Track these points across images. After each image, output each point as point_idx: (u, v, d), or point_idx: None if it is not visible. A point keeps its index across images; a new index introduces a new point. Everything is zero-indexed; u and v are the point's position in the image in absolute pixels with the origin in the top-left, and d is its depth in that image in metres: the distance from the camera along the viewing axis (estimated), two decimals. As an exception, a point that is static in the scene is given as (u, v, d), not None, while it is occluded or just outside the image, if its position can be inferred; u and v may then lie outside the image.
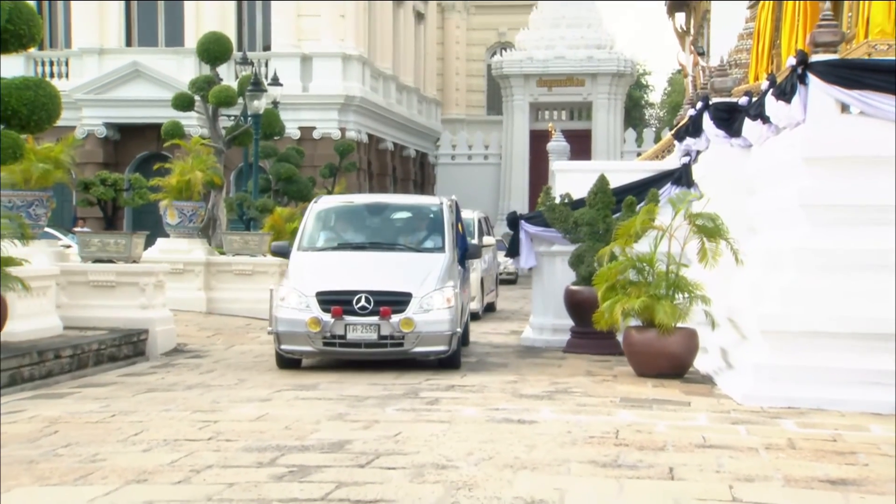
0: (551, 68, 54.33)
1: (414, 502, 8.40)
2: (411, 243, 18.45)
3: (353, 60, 45.95)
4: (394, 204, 21.52)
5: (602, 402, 13.75)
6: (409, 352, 16.17)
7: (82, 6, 46.04)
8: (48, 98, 19.86)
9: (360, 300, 15.88)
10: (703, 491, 8.92)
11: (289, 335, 16.29)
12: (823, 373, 13.36)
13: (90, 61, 45.67)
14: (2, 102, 18.90)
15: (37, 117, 19.67)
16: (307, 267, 17.37)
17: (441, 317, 16.12)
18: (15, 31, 19.42)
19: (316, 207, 19.17)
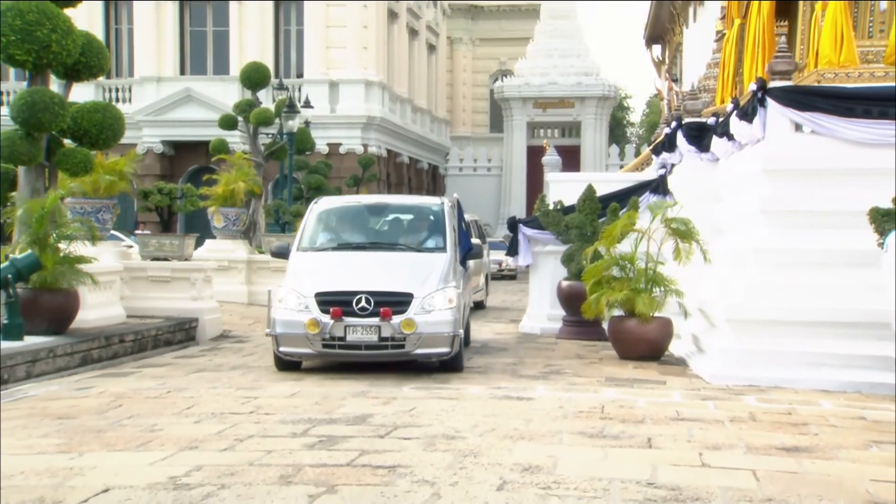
0: (546, 92, 54.35)
1: (427, 467, 8.41)
2: (412, 243, 16.02)
3: (374, 86, 45.96)
4: (395, 204, 18.92)
5: (590, 382, 13.77)
6: (411, 353, 13.96)
7: (143, 40, 46.07)
8: (114, 119, 19.92)
9: (360, 301, 13.68)
10: (676, 458, 8.96)
11: (287, 337, 14.04)
12: (780, 356, 13.45)
13: (149, 87, 45.72)
14: (76, 123, 18.95)
15: (105, 136, 19.73)
16: (306, 267, 15.11)
17: (443, 318, 13.90)
18: (87, 62, 19.53)
19: (316, 208, 16.76)
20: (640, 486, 7.82)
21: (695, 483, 7.96)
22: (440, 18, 58.40)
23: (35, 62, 18.62)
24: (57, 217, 16.84)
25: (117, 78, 45.79)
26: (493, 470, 8.34)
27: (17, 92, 19.72)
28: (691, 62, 37.51)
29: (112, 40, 45.68)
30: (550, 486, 7.83)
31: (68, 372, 14.90)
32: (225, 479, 7.99)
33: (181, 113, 44.88)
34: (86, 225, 17.73)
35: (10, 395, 12.71)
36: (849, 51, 15.12)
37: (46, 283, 16.08)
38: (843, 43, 15.10)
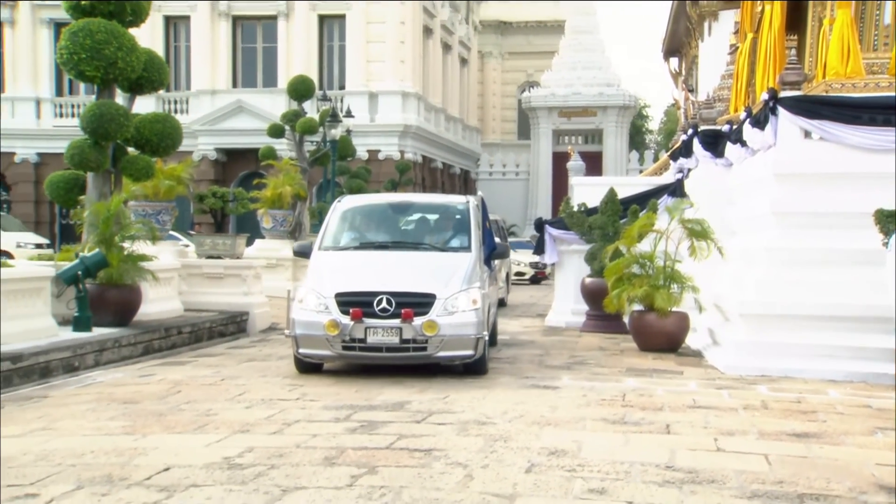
0: (570, 102, 54.28)
1: (460, 451, 8.45)
2: (436, 242, 14.60)
3: (410, 97, 46.01)
4: (419, 203, 17.12)
5: (611, 372, 13.74)
6: (433, 356, 12.57)
7: (199, 56, 46.31)
8: (173, 129, 20.06)
9: (380, 302, 12.33)
10: (693, 443, 8.95)
11: (306, 338, 12.69)
12: (790, 348, 13.38)
13: (204, 99, 45.92)
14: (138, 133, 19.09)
15: (164, 144, 19.87)
16: (327, 267, 13.68)
17: (466, 319, 12.55)
18: (149, 77, 19.69)
19: (339, 207, 15.31)
20: (658, 469, 7.84)
21: (710, 466, 7.98)
22: (472, 34, 58.38)
23: (103, 77, 18.79)
24: (121, 219, 17.00)
25: (175, 91, 46.00)
26: (521, 453, 8.38)
27: (87, 105, 19.83)
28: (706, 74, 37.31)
29: (171, 56, 45.92)
30: (575, 468, 7.85)
31: (132, 360, 15.04)
32: (274, 459, 8.07)
33: (233, 123, 45.07)
34: (147, 226, 17.92)
35: (81, 381, 12.93)
36: (855, 63, 15.03)
37: (112, 279, 16.25)
38: (849, 55, 15.03)
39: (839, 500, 7.01)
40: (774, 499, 7.03)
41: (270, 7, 46.02)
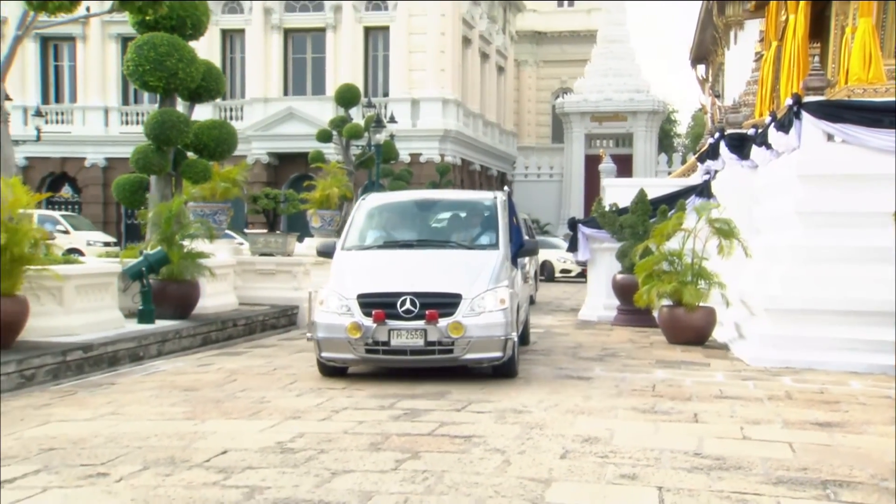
0: (601, 108, 54.14)
1: (498, 437, 8.45)
2: (463, 240, 13.23)
3: (450, 103, 46.07)
4: (445, 199, 15.72)
5: (642, 364, 13.68)
6: (460, 359, 11.36)
7: (253, 66, 46.59)
8: (229, 135, 20.25)
9: (404, 303, 11.19)
10: (720, 431, 8.91)
11: (329, 342, 11.50)
12: (813, 341, 13.26)
13: (258, 107, 46.18)
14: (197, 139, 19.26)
15: (220, 149, 20.04)
16: (349, 267, 12.44)
17: (494, 320, 11.33)
18: (207, 86, 19.89)
19: (364, 204, 14.01)
20: (687, 456, 7.80)
21: (737, 454, 7.93)
22: (508, 44, 58.34)
23: (165, 87, 18.97)
24: (181, 219, 17.16)
25: (231, 99, 46.26)
26: (556, 440, 8.37)
27: (150, 113, 20.02)
28: (732, 80, 37.12)
29: (227, 67, 46.19)
30: (608, 455, 7.83)
31: (191, 351, 15.21)
32: (323, 444, 8.12)
33: (284, 128, 45.33)
34: (205, 225, 18.12)
35: (145, 369, 13.10)
36: (876, 69, 14.95)
37: (173, 275, 16.44)
38: (871, 62, 14.96)
39: (861, 487, 6.95)
40: (799, 485, 6.98)
41: (319, 20, 46.23)
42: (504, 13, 56.99)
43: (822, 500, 6.61)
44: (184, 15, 19.40)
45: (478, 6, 50.79)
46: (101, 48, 47.67)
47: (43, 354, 12.12)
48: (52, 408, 10.12)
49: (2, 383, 11.06)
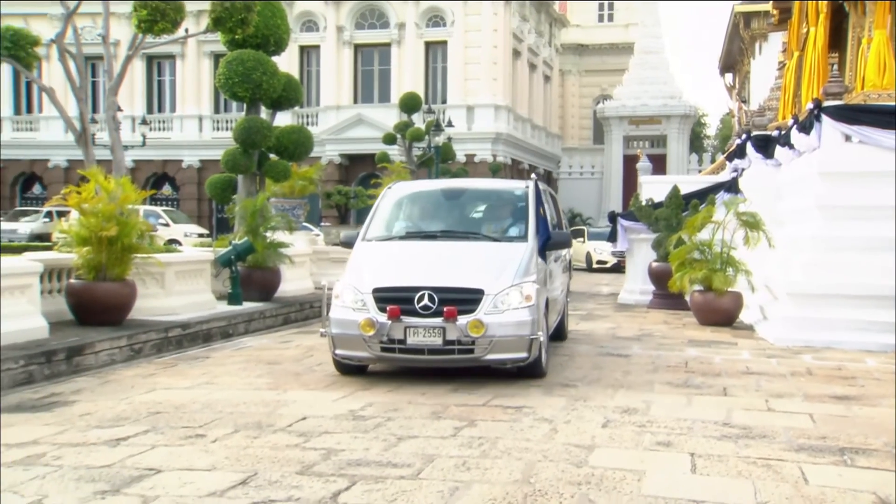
0: (638, 112, 53.73)
1: (546, 408, 8.48)
2: (490, 232, 11.09)
3: (501, 109, 46.02)
4: (474, 188, 12.98)
5: (675, 342, 13.63)
6: (481, 359, 9.50)
7: (327, 78, 46.82)
8: (306, 138, 20.48)
9: (422, 298, 9.36)
10: (747, 403, 8.87)
11: (343, 339, 9.74)
12: (832, 322, 13.15)
13: (331, 113, 46.43)
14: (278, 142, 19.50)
15: (299, 151, 20.27)
16: (367, 260, 10.45)
17: (518, 318, 9.47)
18: (287, 96, 20.15)
19: (389, 193, 11.99)
20: (717, 426, 7.79)
21: (762, 424, 7.90)
22: (554, 55, 58.10)
23: (251, 97, 19.26)
24: (265, 213, 17.39)
25: (308, 107, 46.49)
26: (598, 411, 8.38)
27: (238, 120, 20.29)
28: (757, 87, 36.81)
29: (304, 78, 46.44)
30: (645, 424, 7.84)
31: (274, 329, 15.40)
32: (390, 413, 8.20)
33: (354, 132, 45.52)
34: (285, 219, 18.37)
35: (234, 345, 13.35)
36: (890, 76, 14.77)
37: (258, 262, 16.70)
38: (885, 69, 14.81)
39: (875, 453, 6.91)
40: (818, 451, 6.95)
41: (385, 36, 46.40)
42: (550, 28, 56.76)
43: (839, 466, 6.57)
44: (267, 34, 19.66)
45: (526, 22, 50.61)
46: (197, 64, 48.23)
47: (149, 331, 12.37)
48: (157, 377, 10.34)
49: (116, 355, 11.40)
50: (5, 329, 10.56)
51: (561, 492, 5.80)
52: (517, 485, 5.95)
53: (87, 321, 12.42)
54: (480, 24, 45.26)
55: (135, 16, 16.99)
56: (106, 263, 12.51)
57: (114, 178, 13.29)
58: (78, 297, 12.55)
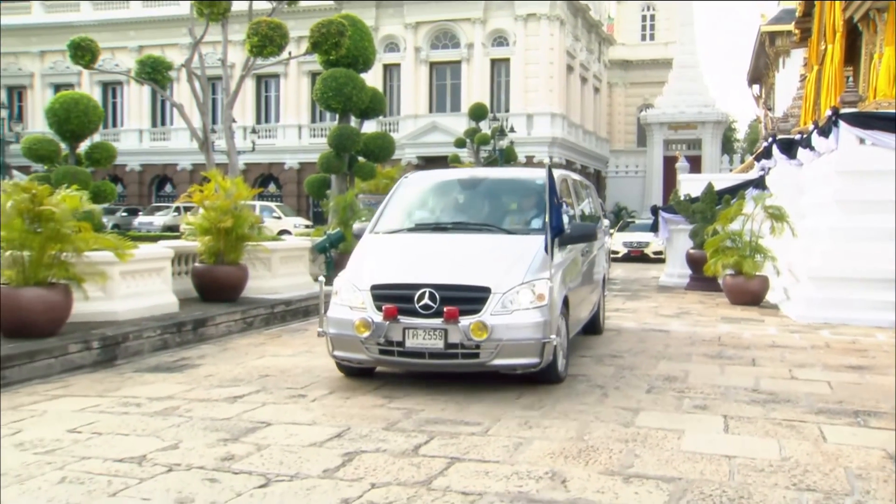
0: (676, 119, 53.14)
1: (598, 376, 8.46)
2: (505, 224, 8.79)
3: (556, 116, 45.78)
4: (492, 178, 10.04)
5: (709, 319, 13.49)
6: (487, 364, 7.39)
7: (406, 91, 47.05)
8: (388, 143, 20.62)
9: (422, 296, 7.32)
10: (773, 372, 8.77)
11: (340, 339, 7.76)
12: (847, 302, 12.97)
13: (409, 121, 46.63)
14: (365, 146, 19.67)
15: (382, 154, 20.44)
16: (369, 254, 8.40)
17: (529, 319, 7.37)
18: (373, 107, 20.31)
19: (404, 182, 9.81)
20: (747, 392, 7.72)
21: (786, 390, 7.83)
22: (602, 70, 57.60)
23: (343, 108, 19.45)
24: (354, 207, 17.54)
25: (390, 116, 46.75)
26: (643, 379, 8.34)
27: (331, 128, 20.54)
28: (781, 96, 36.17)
29: (387, 92, 46.66)
30: (684, 390, 7.79)
31: (362, 307, 15.48)
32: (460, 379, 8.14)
33: (429, 138, 45.65)
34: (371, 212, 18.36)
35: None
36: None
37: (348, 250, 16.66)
38: (894, 81, 14.55)
39: (885, 415, 6.80)
40: (835, 414, 6.87)
41: (456, 55, 46.41)
42: (599, 46, 56.27)
43: (854, 426, 6.50)
44: (357, 54, 19.83)
45: (578, 41, 50.24)
46: (297, 81, 48.78)
47: (258, 307, 12.57)
48: (266, 346, 10.53)
49: (232, 326, 11.62)
50: (146, 304, 11.06)
51: (610, 448, 5.80)
52: (572, 441, 5.97)
53: (208, 298, 12.70)
54: (539, 43, 45.08)
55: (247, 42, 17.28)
56: (223, 250, 12.77)
57: (229, 179, 13.53)
58: (201, 278, 12.84)
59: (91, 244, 9.60)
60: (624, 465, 5.39)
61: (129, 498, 4.80)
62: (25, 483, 5.10)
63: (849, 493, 4.92)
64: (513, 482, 5.04)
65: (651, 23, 61.57)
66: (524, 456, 5.60)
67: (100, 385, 8.04)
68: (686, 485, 5.01)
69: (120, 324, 10.16)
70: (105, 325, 10.03)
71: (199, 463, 5.45)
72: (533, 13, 45.04)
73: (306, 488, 4.94)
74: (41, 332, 9.04)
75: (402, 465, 5.38)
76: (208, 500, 4.76)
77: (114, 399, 7.40)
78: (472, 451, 5.68)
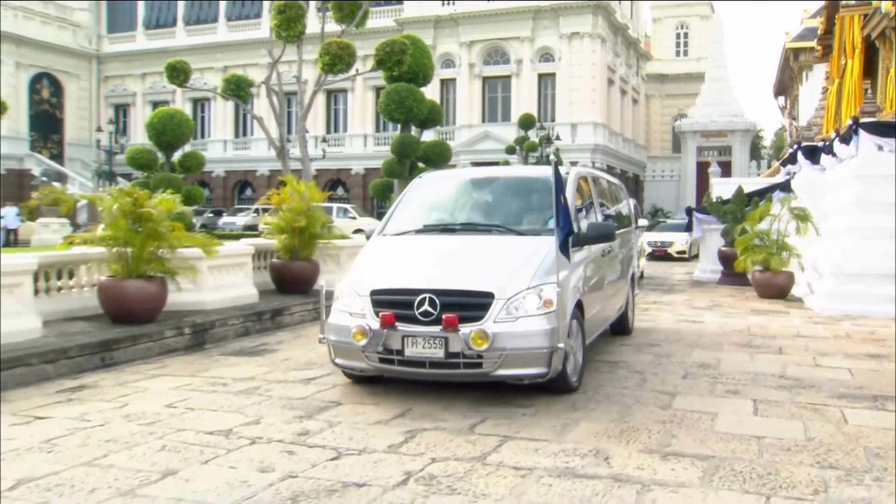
0: (708, 128, 52.36)
1: (638, 363, 8.39)
2: (515, 224, 7.48)
3: (598, 125, 45.35)
4: (504, 177, 8.59)
5: (739, 311, 13.28)
6: (491, 375, 6.29)
7: (461, 103, 46.96)
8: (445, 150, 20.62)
9: (423, 302, 6.30)
10: (798, 360, 8.62)
11: (340, 347, 6.69)
12: (866, 296, 12.73)
13: (464, 130, 46.55)
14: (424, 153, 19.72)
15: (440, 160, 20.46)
16: (373, 257, 7.31)
17: (535, 326, 6.25)
18: (431, 118, 20.39)
19: (416, 183, 8.66)
20: (774, 378, 7.61)
21: (810, 376, 7.70)
22: (640, 83, 56.94)
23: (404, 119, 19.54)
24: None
25: (446, 126, 46.74)
26: (679, 365, 8.25)
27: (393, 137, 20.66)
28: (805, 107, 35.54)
29: (444, 104, 46.62)
30: (717, 376, 7.70)
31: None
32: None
33: (482, 145, 45.54)
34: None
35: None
36: (914, 98, 14.24)
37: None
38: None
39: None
40: (855, 398, 6.75)
41: (507, 70, 46.21)
42: (637, 61, 55.64)
43: (872, 409, 6.38)
44: (417, 70, 19.89)
45: (618, 57, 49.73)
46: (363, 95, 49.01)
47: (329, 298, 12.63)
48: (336, 334, 10.59)
49: (305, 316, 11.74)
50: (230, 295, 11.24)
51: (650, 428, 5.76)
52: (615, 422, 5.94)
53: (284, 290, 12.86)
54: (582, 59, 44.73)
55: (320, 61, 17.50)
56: (297, 247, 12.92)
57: (303, 183, 13.68)
58: (278, 272, 13.00)
59: (183, 242, 9.80)
60: (662, 444, 5.36)
61: (218, 466, 4.91)
62: (133, 449, 5.27)
63: (868, 470, 4.87)
64: (560, 459, 5.04)
65: (685, 40, 60.86)
66: (571, 435, 5.59)
67: (191, 366, 8.21)
68: (719, 462, 4.98)
69: (208, 312, 10.36)
70: (195, 313, 10.23)
71: (278, 437, 5.54)
72: (577, 32, 44.73)
73: (373, 461, 4.99)
74: (141, 319, 9.26)
75: (460, 442, 5.40)
76: (286, 470, 4.84)
77: (204, 379, 7.55)
78: (523, 431, 5.68)
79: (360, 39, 35.30)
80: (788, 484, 4.59)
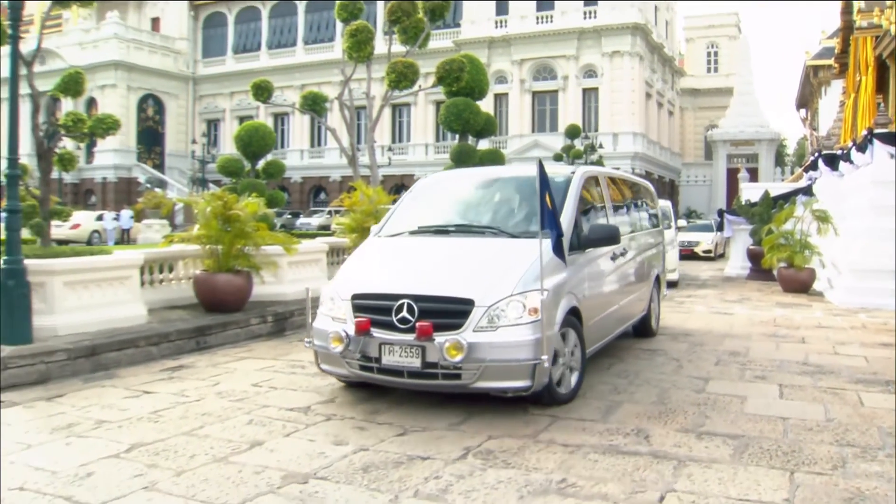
0: (737, 137, 51.35)
1: (674, 350, 8.30)
2: (510, 227, 6.32)
3: (638, 135, 44.76)
4: (504, 177, 7.35)
5: (766, 304, 13.02)
6: (470, 387, 5.30)
7: (513, 115, 46.81)
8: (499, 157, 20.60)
9: (400, 309, 5.38)
10: (819, 349, 8.45)
11: (323, 353, 5.86)
12: (881, 290, 12.45)
13: (515, 140, 46.36)
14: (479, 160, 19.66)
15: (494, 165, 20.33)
16: (361, 259, 6.43)
17: (516, 337, 5.22)
18: (486, 128, 20.34)
19: (418, 184, 7.67)
20: (798, 364, 7.47)
21: (830, 363, 7.55)
22: (675, 97, 56.02)
23: (461, 130, 19.55)
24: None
25: (500, 136, 46.59)
26: (712, 353, 8.14)
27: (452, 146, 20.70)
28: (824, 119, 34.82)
29: (498, 116, 46.49)
30: (746, 363, 7.58)
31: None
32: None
33: (532, 153, 45.14)
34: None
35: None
36: (924, 111, 13.83)
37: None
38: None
39: (920, 391, 6.49)
40: (871, 383, 6.60)
41: (554, 85, 45.91)
42: (672, 77, 54.77)
43: (885, 393, 6.26)
44: (473, 86, 19.87)
45: (655, 73, 49.01)
46: (424, 109, 49.14)
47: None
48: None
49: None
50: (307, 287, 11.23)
51: (686, 410, 5.71)
52: (654, 405, 5.89)
53: (356, 283, 12.95)
54: (622, 75, 44.28)
55: (386, 78, 17.62)
56: (368, 245, 13.01)
57: (371, 188, 13.80)
58: (350, 267, 13.11)
59: (266, 240, 9.99)
60: (697, 425, 5.31)
61: (298, 439, 5.01)
62: (225, 422, 5.41)
63: (881, 447, 4.81)
64: (605, 437, 5.02)
65: (715, 58, 59.98)
66: (615, 416, 5.56)
67: (274, 350, 8.37)
68: (748, 440, 4.92)
69: (287, 303, 10.53)
70: (276, 303, 10.41)
71: (351, 414, 5.62)
72: (617, 50, 44.28)
73: (436, 437, 5.03)
74: (230, 308, 9.47)
75: (514, 421, 5.40)
76: (359, 443, 4.91)
77: (284, 362, 7.69)
78: (571, 412, 5.66)
79: (423, 59, 35.40)
80: (811, 460, 4.54)
